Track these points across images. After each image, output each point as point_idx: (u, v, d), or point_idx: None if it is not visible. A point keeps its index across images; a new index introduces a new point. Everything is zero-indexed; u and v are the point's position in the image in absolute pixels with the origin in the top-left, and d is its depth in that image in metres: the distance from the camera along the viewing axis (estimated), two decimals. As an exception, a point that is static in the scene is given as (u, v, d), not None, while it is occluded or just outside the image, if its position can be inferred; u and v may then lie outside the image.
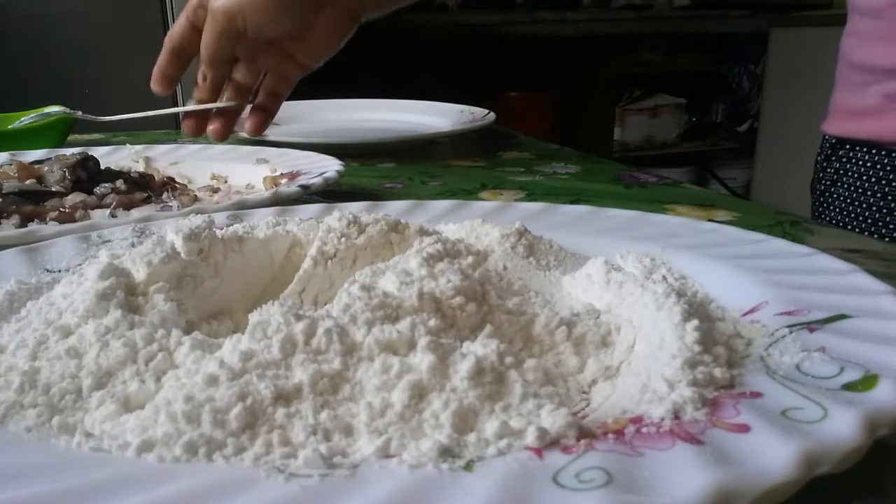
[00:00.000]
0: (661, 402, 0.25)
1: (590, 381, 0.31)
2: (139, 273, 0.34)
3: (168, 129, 1.40)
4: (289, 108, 1.21)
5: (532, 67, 2.68)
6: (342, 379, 0.25)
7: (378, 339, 0.26)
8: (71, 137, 1.01)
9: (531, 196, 0.70)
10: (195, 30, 0.73)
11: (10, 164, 0.66)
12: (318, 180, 0.61)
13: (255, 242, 0.40)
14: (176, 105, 2.12)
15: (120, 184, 0.63)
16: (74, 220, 0.55)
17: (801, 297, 0.36)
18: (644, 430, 0.23)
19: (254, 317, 0.28)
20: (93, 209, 0.58)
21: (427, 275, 0.32)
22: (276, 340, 0.26)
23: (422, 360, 0.25)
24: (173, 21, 2.02)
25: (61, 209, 0.57)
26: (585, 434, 0.23)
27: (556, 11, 2.53)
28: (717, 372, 0.27)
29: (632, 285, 0.36)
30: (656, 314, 0.31)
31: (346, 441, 0.23)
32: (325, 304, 0.37)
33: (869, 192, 0.84)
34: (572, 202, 0.64)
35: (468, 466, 0.21)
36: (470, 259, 0.35)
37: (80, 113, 0.97)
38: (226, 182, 0.72)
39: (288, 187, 0.59)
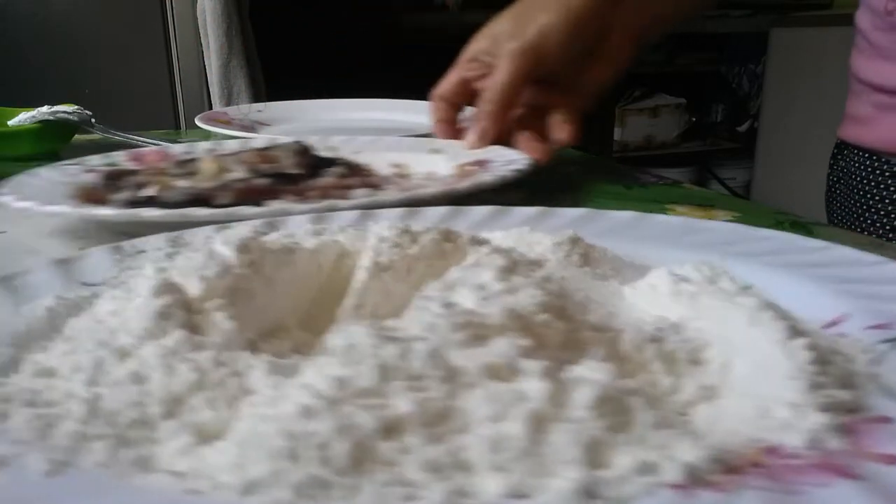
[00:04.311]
0: (791, 429, 0.23)
1: (687, 403, 0.29)
2: (193, 288, 0.31)
3: (168, 129, 1.37)
4: (286, 109, 1.20)
5: (531, 67, 2.66)
6: (447, 408, 0.23)
7: (481, 364, 0.24)
8: (72, 139, 0.98)
9: (531, 196, 0.68)
10: (466, 83, 0.75)
11: (246, 151, 0.71)
12: (506, 170, 0.63)
13: (304, 253, 0.37)
14: (176, 111, 2.10)
15: (343, 170, 0.66)
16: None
17: (887, 309, 0.34)
18: (788, 462, 0.21)
19: (335, 338, 0.26)
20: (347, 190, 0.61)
21: (504, 289, 0.30)
22: (369, 366, 0.24)
23: (534, 386, 0.23)
24: (173, 21, 2.00)
25: (318, 190, 0.60)
26: (729, 468, 0.21)
27: (556, 11, 2.51)
28: (841, 394, 0.25)
29: (709, 298, 0.34)
30: (751, 330, 0.30)
31: (466, 479, 0.21)
32: (386, 320, 0.35)
33: (859, 195, 0.87)
34: (572, 202, 0.63)
35: (614, 509, 0.19)
36: (543, 271, 0.33)
37: (93, 120, 0.95)
38: (406, 170, 0.74)
39: (488, 174, 0.62)
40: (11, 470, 0.21)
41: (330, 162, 0.69)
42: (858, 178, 0.88)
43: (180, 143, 0.86)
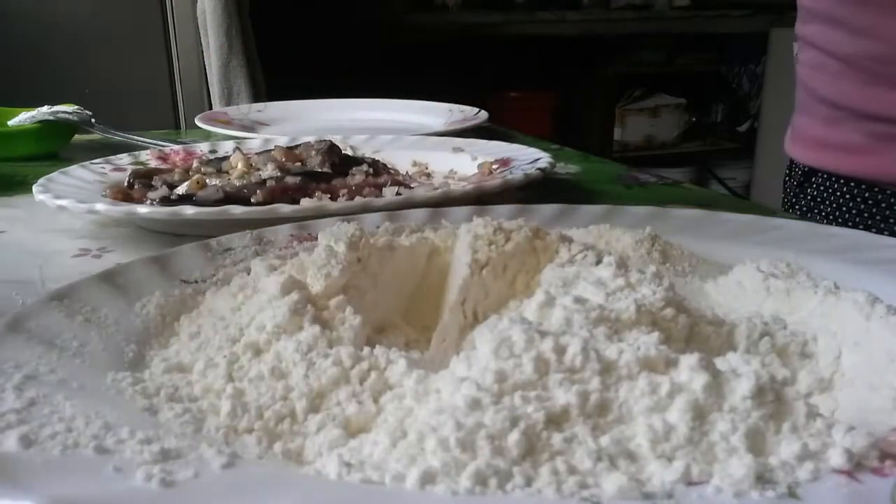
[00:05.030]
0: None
1: (804, 393, 0.30)
2: (315, 285, 0.32)
3: (168, 129, 1.36)
4: (286, 109, 1.20)
5: (532, 67, 2.67)
6: (606, 399, 0.24)
7: (637, 357, 0.24)
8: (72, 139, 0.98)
9: (531, 196, 0.68)
10: None
11: (274, 149, 0.71)
12: (532, 169, 0.64)
13: (402, 250, 0.38)
14: (176, 111, 2.10)
15: (368, 168, 0.66)
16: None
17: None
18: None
19: (483, 333, 0.26)
20: (377, 188, 0.62)
21: (625, 285, 0.31)
22: (526, 359, 0.24)
23: (692, 378, 0.23)
24: (173, 21, 2.00)
25: (349, 188, 0.61)
26: (885, 454, 0.22)
27: (556, 11, 2.53)
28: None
29: (805, 293, 0.35)
30: (866, 324, 0.30)
31: (635, 467, 0.22)
32: (485, 315, 0.36)
33: (850, 224, 0.83)
34: (572, 203, 0.63)
35: (792, 493, 0.20)
36: (653, 268, 0.34)
37: (93, 120, 0.95)
38: (427, 168, 0.76)
39: (514, 173, 0.63)
40: (191, 463, 0.22)
41: (356, 161, 0.70)
42: (835, 206, 0.85)
43: (182, 142, 0.87)
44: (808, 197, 0.90)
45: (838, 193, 0.85)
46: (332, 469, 0.23)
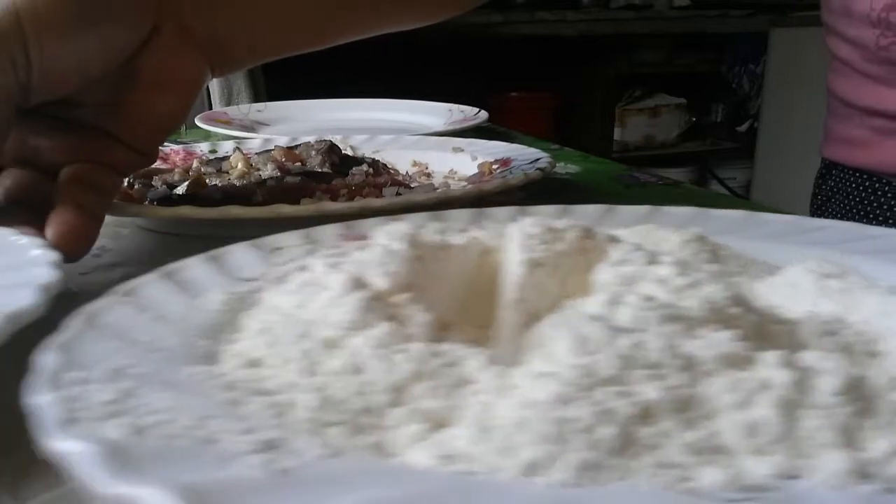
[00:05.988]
0: None
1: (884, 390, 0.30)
2: (379, 283, 0.32)
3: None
4: (286, 109, 1.20)
5: (532, 67, 2.68)
6: (692, 395, 0.24)
7: (718, 354, 0.25)
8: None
9: (532, 196, 0.68)
10: None
11: (274, 149, 0.71)
12: (532, 169, 0.64)
13: (456, 249, 0.38)
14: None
15: (368, 168, 0.67)
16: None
17: None
18: None
19: (554, 330, 0.27)
20: (377, 188, 0.62)
21: (688, 284, 0.31)
22: (607, 355, 0.25)
23: (776, 374, 0.24)
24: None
25: (349, 188, 0.61)
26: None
27: (556, 11, 2.54)
28: None
29: (865, 293, 0.36)
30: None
31: (730, 461, 0.22)
32: (541, 315, 0.36)
33: (854, 212, 0.90)
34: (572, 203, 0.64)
35: (890, 488, 0.21)
36: (714, 267, 0.34)
37: None
38: (427, 168, 0.76)
39: (511, 174, 0.64)
40: (293, 453, 0.22)
41: (356, 161, 0.71)
42: (844, 195, 0.91)
43: (182, 142, 0.87)
44: (827, 188, 0.96)
45: (844, 184, 0.92)
46: (422, 462, 0.23)
